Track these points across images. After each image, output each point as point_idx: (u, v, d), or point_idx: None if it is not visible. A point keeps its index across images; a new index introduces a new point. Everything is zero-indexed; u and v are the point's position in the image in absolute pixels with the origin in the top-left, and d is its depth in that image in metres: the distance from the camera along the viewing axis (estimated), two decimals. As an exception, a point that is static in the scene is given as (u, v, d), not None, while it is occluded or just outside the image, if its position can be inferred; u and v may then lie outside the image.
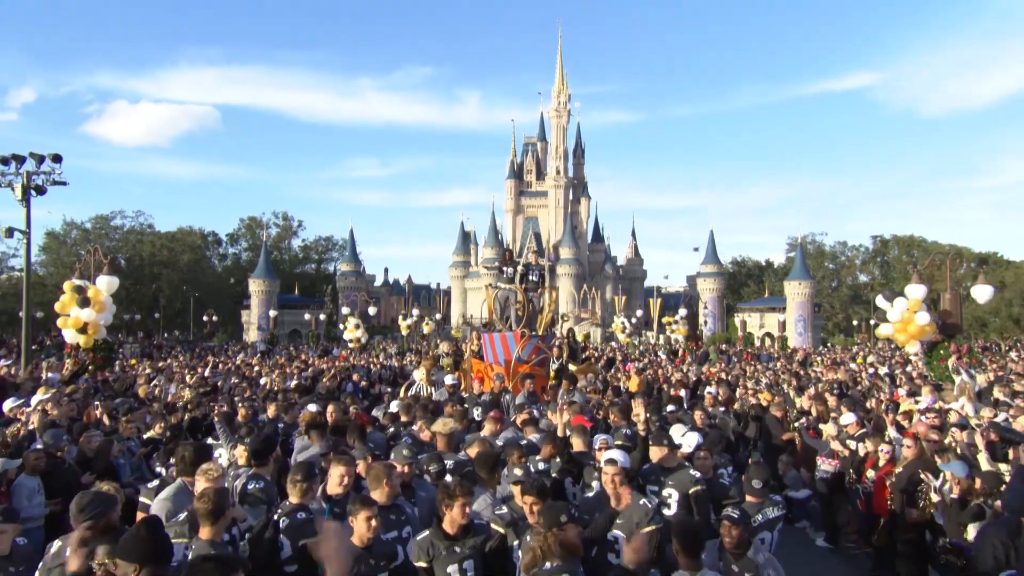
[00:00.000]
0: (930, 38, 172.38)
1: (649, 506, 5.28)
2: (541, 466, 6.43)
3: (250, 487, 5.96)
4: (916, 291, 15.81)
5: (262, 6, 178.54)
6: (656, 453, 6.57)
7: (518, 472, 5.52)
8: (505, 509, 5.28)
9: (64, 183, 19.30)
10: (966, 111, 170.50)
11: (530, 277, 16.85)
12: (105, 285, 16.92)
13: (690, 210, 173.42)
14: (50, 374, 16.41)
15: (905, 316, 15.92)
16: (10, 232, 19.95)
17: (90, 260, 18.27)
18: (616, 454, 5.58)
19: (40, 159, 18.98)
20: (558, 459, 6.65)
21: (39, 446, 8.07)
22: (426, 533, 4.98)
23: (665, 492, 6.27)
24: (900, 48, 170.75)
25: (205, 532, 4.66)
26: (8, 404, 11.11)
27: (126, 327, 64.91)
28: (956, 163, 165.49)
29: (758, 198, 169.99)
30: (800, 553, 10.13)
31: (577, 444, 7.04)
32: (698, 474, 6.40)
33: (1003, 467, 8.08)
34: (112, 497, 4.84)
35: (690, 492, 6.18)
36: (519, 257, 74.85)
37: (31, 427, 9.40)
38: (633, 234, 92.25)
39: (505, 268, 16.90)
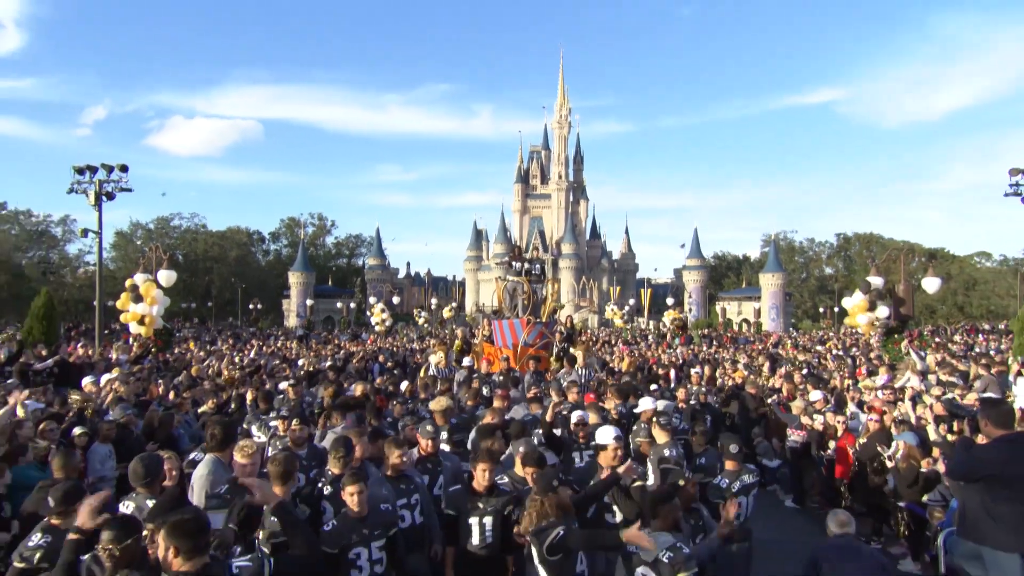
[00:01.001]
0: (888, 59, 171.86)
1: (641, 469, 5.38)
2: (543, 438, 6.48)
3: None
4: (858, 296, 15.97)
5: (301, 32, 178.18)
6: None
7: (521, 448, 5.48)
8: (506, 479, 5.24)
9: (130, 190, 19.33)
10: (919, 124, 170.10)
11: (534, 271, 16.92)
12: (164, 278, 17.01)
13: (677, 210, 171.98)
14: (120, 356, 16.57)
15: (854, 309, 16.04)
16: (85, 232, 20.24)
17: (152, 257, 18.40)
18: (615, 430, 5.64)
19: (110, 169, 19.05)
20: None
21: (111, 418, 8.19)
22: (459, 487, 5.05)
23: (648, 464, 6.43)
24: (861, 68, 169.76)
25: (276, 491, 4.56)
26: (85, 381, 11.22)
27: (183, 314, 65.25)
28: (910, 169, 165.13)
29: (737, 199, 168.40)
30: (771, 513, 10.18)
31: (593, 419, 7.03)
32: (667, 452, 6.46)
33: (950, 437, 8.12)
34: (159, 457, 4.85)
35: (660, 466, 6.31)
36: (526, 253, 74.79)
37: (104, 402, 9.53)
38: (626, 231, 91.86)
39: (513, 263, 16.98)
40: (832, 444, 9.79)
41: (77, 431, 7.41)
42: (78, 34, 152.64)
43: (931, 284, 17.49)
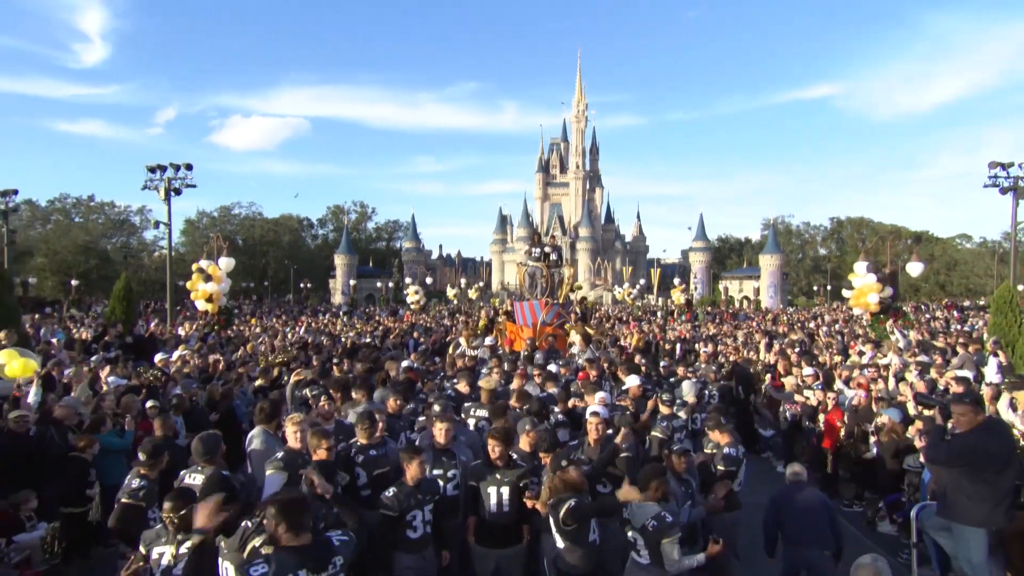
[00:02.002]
0: (880, 57, 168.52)
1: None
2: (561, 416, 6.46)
3: None
4: (870, 277, 15.47)
5: (345, 37, 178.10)
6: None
7: (527, 427, 5.43)
8: (515, 455, 5.18)
9: (194, 186, 19.68)
10: (909, 117, 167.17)
11: (552, 256, 16.78)
12: (224, 264, 17.28)
13: (684, 196, 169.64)
14: (189, 333, 16.91)
15: (862, 289, 15.56)
16: (157, 224, 20.77)
17: (214, 244, 18.68)
18: (598, 408, 5.57)
19: (177, 168, 19.38)
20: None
21: (179, 391, 8.39)
22: (478, 461, 5.02)
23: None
24: (857, 64, 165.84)
25: (318, 455, 4.81)
26: (158, 357, 11.41)
27: (243, 292, 66.29)
28: (899, 159, 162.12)
29: (739, 186, 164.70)
30: (764, 478, 10.15)
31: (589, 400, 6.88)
32: (661, 423, 6.47)
33: (926, 412, 8.02)
34: (216, 435, 4.96)
35: (651, 436, 6.39)
36: (546, 237, 74.44)
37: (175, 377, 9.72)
38: (638, 216, 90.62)
39: (532, 249, 16.84)
40: (821, 417, 9.67)
41: (149, 404, 7.62)
42: (153, 45, 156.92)
43: (915, 268, 17.16)
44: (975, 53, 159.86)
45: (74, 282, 48.15)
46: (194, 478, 4.52)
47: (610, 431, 5.71)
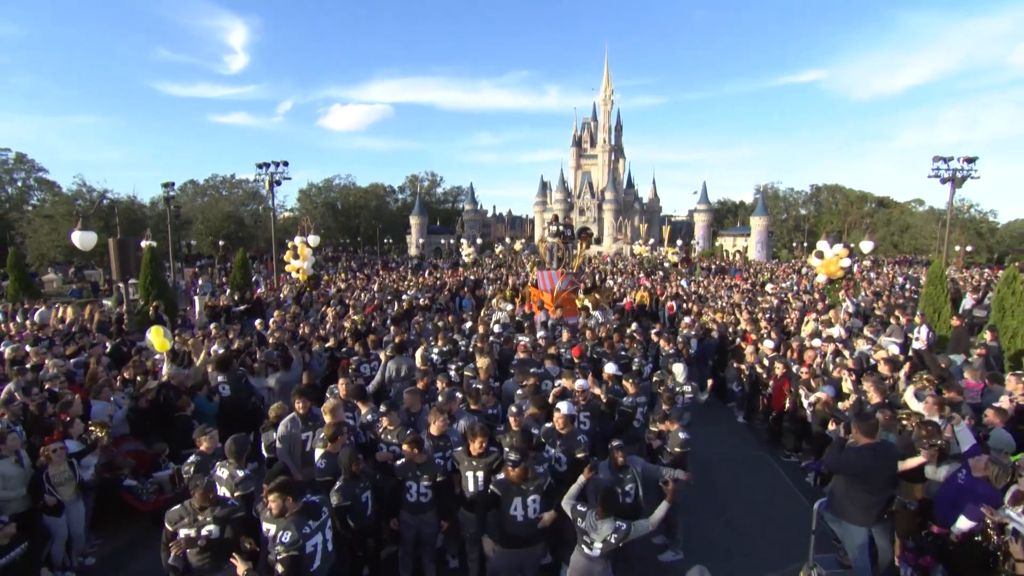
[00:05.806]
0: (859, 47, 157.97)
1: (582, 442, 5.01)
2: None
3: None
4: (839, 247, 14.34)
5: (421, 39, 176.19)
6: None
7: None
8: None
9: (289, 178, 19.72)
10: (882, 98, 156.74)
11: (567, 233, 16.25)
12: (312, 240, 17.44)
13: (693, 163, 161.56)
14: (287, 295, 17.19)
15: (831, 259, 14.50)
16: (265, 210, 20.97)
17: (305, 224, 18.89)
18: (563, 406, 5.25)
19: (277, 164, 19.46)
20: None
21: (261, 358, 8.60)
22: (460, 449, 4.90)
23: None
24: (839, 54, 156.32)
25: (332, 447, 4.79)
26: (257, 323, 11.48)
27: (341, 247, 67.56)
28: (871, 133, 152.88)
29: (739, 155, 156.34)
30: (726, 424, 10.11)
31: (568, 384, 6.51)
32: (627, 400, 6.20)
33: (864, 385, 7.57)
34: (246, 438, 4.89)
35: (620, 411, 6.19)
36: (578, 200, 72.25)
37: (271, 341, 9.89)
38: (654, 181, 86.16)
39: (550, 227, 16.36)
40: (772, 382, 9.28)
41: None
42: (278, 54, 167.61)
43: (867, 246, 16.10)
44: (938, 44, 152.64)
45: (220, 243, 49.99)
46: (222, 472, 4.42)
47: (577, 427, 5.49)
